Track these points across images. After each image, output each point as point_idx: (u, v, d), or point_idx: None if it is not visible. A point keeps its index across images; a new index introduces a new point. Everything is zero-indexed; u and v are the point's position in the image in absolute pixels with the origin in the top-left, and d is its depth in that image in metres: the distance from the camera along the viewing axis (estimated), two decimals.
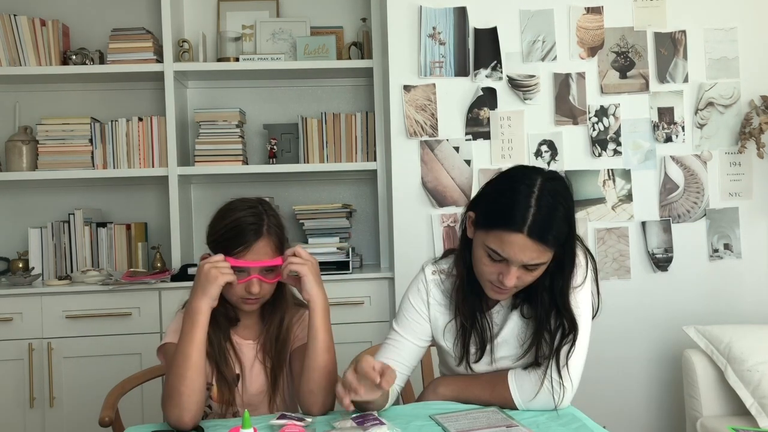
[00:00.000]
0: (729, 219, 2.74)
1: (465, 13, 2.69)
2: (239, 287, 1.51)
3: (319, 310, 1.49)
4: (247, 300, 1.54)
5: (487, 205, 1.43)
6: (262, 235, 1.52)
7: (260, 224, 1.53)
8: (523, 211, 1.34)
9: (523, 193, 1.36)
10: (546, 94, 2.70)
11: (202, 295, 1.44)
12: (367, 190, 3.19)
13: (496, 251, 1.37)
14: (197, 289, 1.45)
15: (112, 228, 3.01)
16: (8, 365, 2.63)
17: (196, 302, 1.44)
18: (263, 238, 1.52)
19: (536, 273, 1.40)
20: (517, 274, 1.38)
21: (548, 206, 1.35)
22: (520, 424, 1.35)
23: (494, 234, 1.37)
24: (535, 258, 1.36)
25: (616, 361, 2.68)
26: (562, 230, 1.37)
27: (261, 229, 1.52)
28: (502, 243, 1.35)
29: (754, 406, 2.21)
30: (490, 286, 1.44)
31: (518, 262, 1.36)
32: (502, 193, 1.41)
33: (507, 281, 1.38)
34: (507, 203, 1.37)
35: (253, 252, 1.50)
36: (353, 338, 2.55)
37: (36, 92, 3.09)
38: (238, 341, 1.61)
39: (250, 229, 1.51)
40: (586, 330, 1.49)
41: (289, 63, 2.99)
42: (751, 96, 2.72)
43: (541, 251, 1.36)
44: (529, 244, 1.34)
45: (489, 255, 1.39)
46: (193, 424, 1.40)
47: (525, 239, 1.33)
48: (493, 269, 1.40)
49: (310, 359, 1.48)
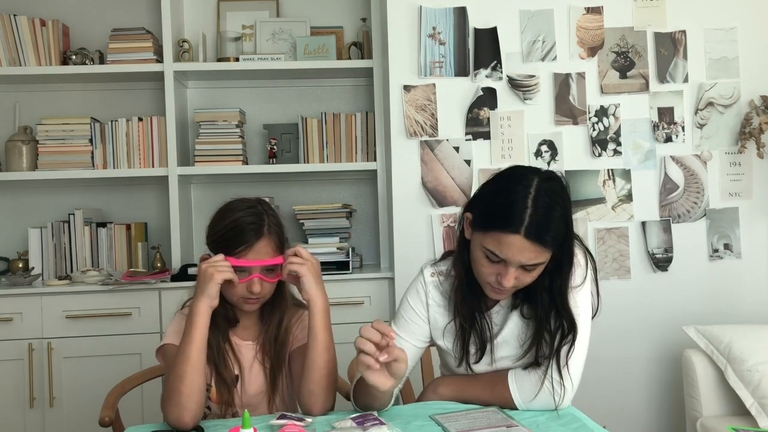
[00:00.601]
0: (729, 219, 2.74)
1: (465, 13, 2.69)
2: (240, 287, 1.51)
3: (319, 310, 1.49)
4: (249, 300, 1.54)
5: (484, 206, 1.43)
6: (263, 235, 1.52)
7: (260, 224, 1.53)
8: (520, 212, 1.34)
9: (519, 194, 1.36)
10: (546, 94, 2.70)
11: (201, 295, 1.44)
12: (367, 190, 3.19)
13: (493, 252, 1.37)
14: (196, 290, 1.46)
15: (112, 228, 3.01)
16: (8, 365, 2.63)
17: (195, 303, 1.45)
18: (264, 238, 1.52)
19: (534, 273, 1.40)
20: (515, 275, 1.38)
21: (545, 206, 1.35)
22: (520, 424, 1.35)
23: (491, 235, 1.37)
24: (533, 259, 1.36)
25: (616, 361, 2.68)
26: (559, 230, 1.37)
27: (261, 229, 1.52)
28: (500, 244, 1.35)
29: (754, 406, 2.21)
30: (488, 286, 1.44)
31: (516, 263, 1.36)
32: (498, 193, 1.41)
33: (505, 282, 1.38)
34: (504, 204, 1.37)
35: (254, 251, 1.50)
36: (353, 338, 2.54)
37: (36, 92, 3.09)
38: (237, 342, 1.61)
39: (250, 228, 1.51)
40: (586, 330, 1.49)
41: (289, 63, 2.99)
42: (751, 96, 2.72)
43: (539, 252, 1.35)
44: (526, 245, 1.34)
45: (487, 256, 1.39)
46: (193, 424, 1.40)
47: (522, 240, 1.33)
48: (492, 270, 1.40)
49: (310, 359, 1.48)
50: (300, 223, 2.96)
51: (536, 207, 1.35)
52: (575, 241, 1.48)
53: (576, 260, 1.47)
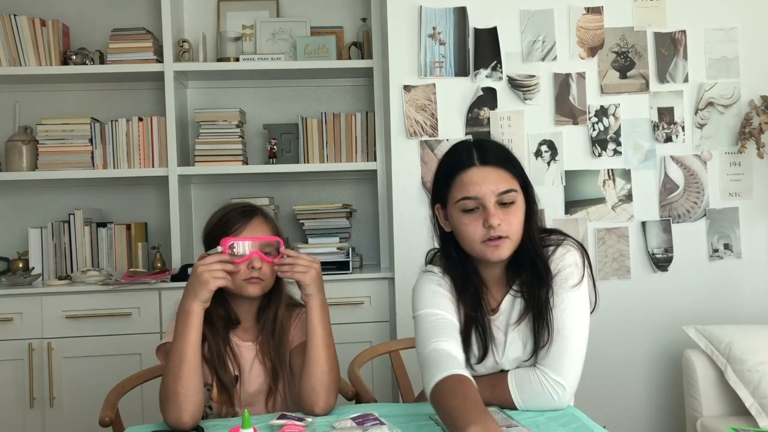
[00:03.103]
0: (729, 219, 2.74)
1: (465, 13, 2.69)
2: (242, 268, 1.52)
3: (316, 307, 1.50)
4: (251, 279, 1.54)
5: (439, 178, 1.51)
6: (256, 215, 1.59)
7: (253, 208, 1.61)
8: (468, 153, 1.46)
9: (460, 147, 1.50)
10: (546, 94, 2.70)
11: (193, 297, 1.45)
12: (367, 190, 3.19)
13: (465, 197, 1.42)
14: (188, 291, 1.46)
15: (112, 228, 3.01)
16: (8, 365, 2.63)
17: (188, 304, 1.45)
18: (257, 217, 1.59)
19: (517, 212, 1.44)
20: (498, 214, 1.41)
21: (485, 142, 1.52)
22: (520, 424, 1.35)
23: (456, 186, 1.44)
24: (502, 184, 1.42)
25: (616, 361, 2.68)
26: (508, 155, 1.47)
27: (255, 212, 1.60)
28: (466, 185, 1.43)
29: (754, 406, 2.21)
30: (483, 246, 1.43)
31: (490, 195, 1.41)
32: (444, 161, 1.52)
33: (492, 220, 1.40)
34: (452, 159, 1.49)
35: (248, 229, 1.56)
36: (353, 338, 2.55)
37: (36, 92, 3.09)
38: (238, 343, 1.61)
39: (242, 212, 1.59)
40: (583, 329, 1.49)
41: (289, 63, 2.99)
42: (751, 96, 2.72)
43: (503, 176, 1.43)
44: (487, 172, 1.43)
45: (464, 211, 1.44)
46: (192, 423, 1.40)
47: (480, 169, 1.43)
48: (476, 223, 1.43)
49: (309, 356, 1.49)
50: (300, 223, 2.96)
51: (478, 143, 1.49)
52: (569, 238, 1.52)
53: (572, 259, 1.48)
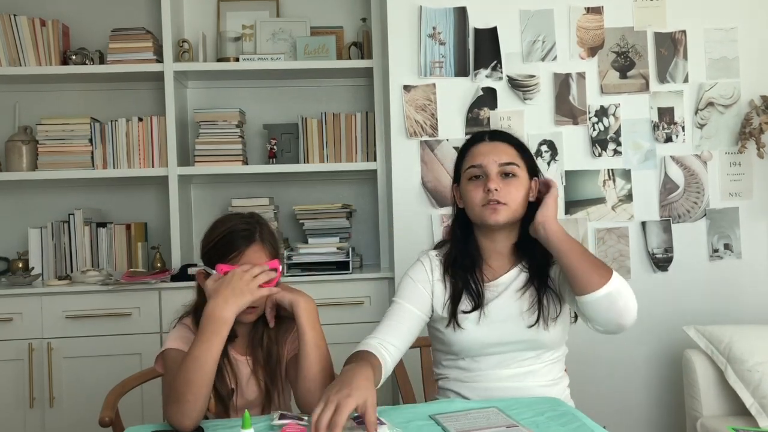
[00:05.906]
0: (729, 219, 2.74)
1: (465, 13, 2.69)
2: None
3: (303, 309, 1.48)
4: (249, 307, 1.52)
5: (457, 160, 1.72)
6: (255, 241, 1.53)
7: (252, 231, 1.55)
8: (481, 134, 1.70)
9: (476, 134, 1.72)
10: (546, 94, 2.70)
11: (233, 303, 1.42)
12: (367, 190, 3.19)
13: (471, 166, 1.63)
14: (227, 297, 1.42)
15: (112, 228, 3.01)
16: (8, 365, 2.63)
17: (221, 309, 1.41)
18: (256, 243, 1.53)
19: (516, 184, 1.61)
20: (497, 180, 1.59)
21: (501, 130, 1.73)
22: (520, 424, 1.35)
23: (466, 160, 1.66)
24: (504, 156, 1.62)
25: (616, 361, 2.67)
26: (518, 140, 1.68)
27: (253, 236, 1.54)
28: (474, 156, 1.64)
29: (754, 406, 2.21)
30: (482, 209, 1.60)
31: (493, 164, 1.60)
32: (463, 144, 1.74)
33: (491, 184, 1.58)
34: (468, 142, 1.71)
35: (246, 257, 1.51)
36: (353, 338, 2.52)
37: (36, 92, 3.09)
38: (235, 356, 1.60)
39: (242, 235, 1.53)
40: None
41: (289, 63, 2.99)
42: (751, 96, 2.72)
43: (508, 151, 1.63)
44: (494, 146, 1.64)
45: (470, 179, 1.63)
46: (193, 427, 1.40)
47: (488, 144, 1.65)
48: (479, 189, 1.61)
49: (302, 359, 1.48)
50: (300, 223, 2.96)
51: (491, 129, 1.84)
52: None
53: None
